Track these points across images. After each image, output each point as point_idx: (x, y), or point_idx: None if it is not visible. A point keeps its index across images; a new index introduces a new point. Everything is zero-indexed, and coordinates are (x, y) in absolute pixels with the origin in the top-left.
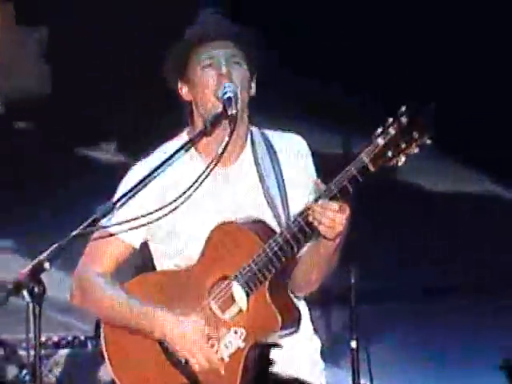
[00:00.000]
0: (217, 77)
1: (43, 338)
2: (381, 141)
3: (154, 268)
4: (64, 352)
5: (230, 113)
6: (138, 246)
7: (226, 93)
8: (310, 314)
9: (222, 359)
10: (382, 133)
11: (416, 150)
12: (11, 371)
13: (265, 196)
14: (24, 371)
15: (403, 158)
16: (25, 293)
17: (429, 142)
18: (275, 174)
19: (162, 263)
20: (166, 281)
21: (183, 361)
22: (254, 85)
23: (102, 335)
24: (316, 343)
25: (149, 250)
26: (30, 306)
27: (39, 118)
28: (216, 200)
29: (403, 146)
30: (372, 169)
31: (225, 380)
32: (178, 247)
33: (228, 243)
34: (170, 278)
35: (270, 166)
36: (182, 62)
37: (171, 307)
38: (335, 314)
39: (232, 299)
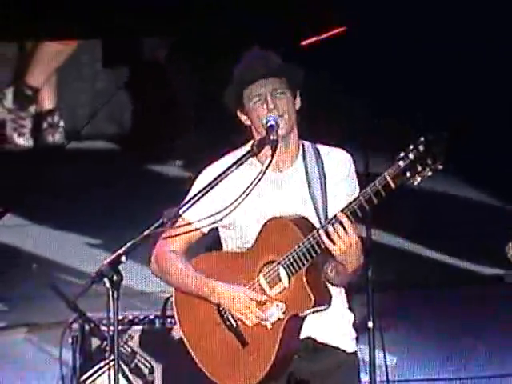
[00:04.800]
0: (266, 109)
1: (120, 317)
2: (401, 163)
3: (221, 247)
4: (137, 328)
5: (271, 138)
6: (206, 231)
7: (268, 121)
8: (347, 295)
9: (266, 326)
10: (402, 157)
11: (430, 174)
12: (95, 343)
13: (311, 198)
14: (105, 342)
15: (419, 179)
16: (106, 280)
17: (440, 167)
18: (320, 181)
19: (227, 244)
20: (224, 260)
21: (235, 325)
22: (298, 99)
23: (173, 300)
24: (349, 317)
25: (218, 234)
26: (110, 291)
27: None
28: (270, 198)
29: (419, 169)
30: (392, 186)
31: (267, 343)
32: (238, 234)
33: (277, 234)
34: (229, 259)
35: (317, 174)
36: (237, 97)
37: (227, 281)
38: (355, 300)
39: (277, 279)
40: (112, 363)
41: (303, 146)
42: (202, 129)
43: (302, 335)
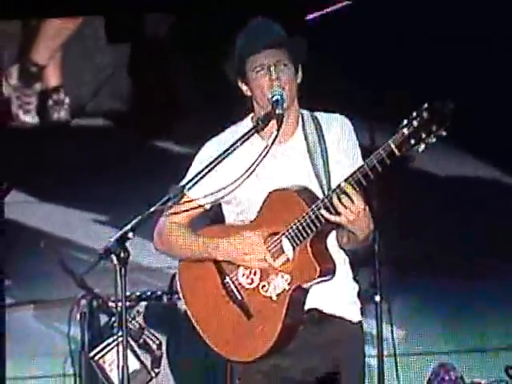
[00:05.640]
0: (268, 80)
1: (128, 293)
2: (406, 131)
3: (223, 221)
4: (144, 303)
5: (277, 112)
6: (208, 207)
7: (274, 96)
8: (351, 265)
9: (271, 297)
10: (406, 124)
11: (434, 140)
12: (103, 319)
13: (312, 168)
14: (113, 319)
15: (423, 146)
16: (113, 257)
17: (444, 133)
18: (321, 150)
19: (229, 218)
20: (227, 232)
21: (239, 297)
22: (300, 73)
23: (177, 276)
24: (354, 286)
25: (220, 209)
26: (117, 267)
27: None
28: (272, 171)
29: (423, 135)
30: (397, 153)
31: (272, 314)
32: (241, 208)
33: (280, 205)
34: (231, 231)
35: (318, 143)
36: (239, 66)
37: None
38: (363, 273)
39: (281, 250)
40: (120, 339)
41: (302, 116)
42: (206, 105)
43: (307, 306)
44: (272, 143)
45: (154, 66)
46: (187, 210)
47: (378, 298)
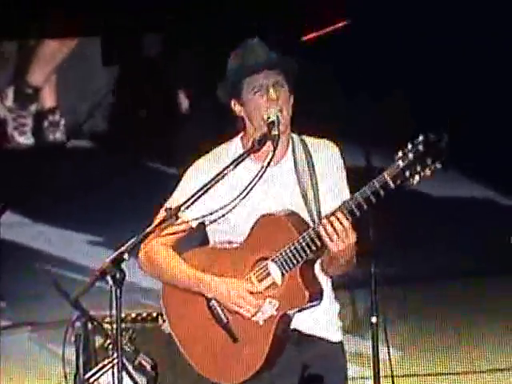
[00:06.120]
0: (266, 101)
1: (123, 315)
2: (401, 163)
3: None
4: (139, 325)
5: (273, 133)
6: (194, 225)
7: (269, 117)
8: (333, 284)
9: (257, 322)
10: (401, 156)
11: (428, 173)
12: (98, 340)
13: (301, 192)
14: (108, 340)
15: (417, 178)
16: (108, 278)
17: (439, 166)
18: (310, 174)
19: (214, 236)
20: (216, 256)
21: (225, 320)
22: (292, 95)
23: (161, 296)
24: (335, 307)
25: (204, 226)
26: (113, 288)
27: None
28: (260, 192)
29: (418, 168)
30: (391, 185)
31: (259, 339)
32: (227, 228)
33: (269, 231)
34: (220, 254)
35: (306, 167)
36: (234, 86)
37: (219, 276)
38: (360, 296)
39: (268, 275)
40: (115, 361)
41: (292, 139)
42: (199, 126)
43: None
44: (267, 165)
45: (148, 88)
46: (176, 232)
47: (374, 319)
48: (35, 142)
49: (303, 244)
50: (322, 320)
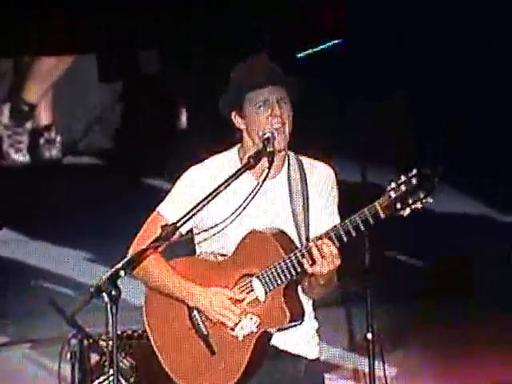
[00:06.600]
0: (269, 116)
1: (119, 332)
2: (393, 194)
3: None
4: (135, 342)
5: (268, 150)
6: (184, 232)
7: (265, 134)
8: (313, 304)
9: (237, 338)
10: (394, 188)
11: (420, 207)
12: (94, 358)
13: (291, 211)
14: (104, 358)
15: (408, 211)
16: (104, 295)
17: (431, 201)
18: (302, 196)
19: (201, 247)
20: (201, 268)
21: (205, 332)
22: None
23: (144, 299)
24: (313, 325)
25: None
26: (109, 306)
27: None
28: (252, 208)
29: (410, 201)
30: (382, 216)
31: (237, 355)
32: (215, 239)
33: (257, 248)
34: (205, 267)
35: (300, 188)
36: (237, 99)
37: (204, 287)
38: (356, 312)
39: (252, 292)
40: (111, 378)
41: (288, 156)
42: (196, 142)
43: None
44: (263, 181)
45: (145, 104)
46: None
47: (370, 336)
48: (31, 159)
49: (289, 265)
50: (299, 337)
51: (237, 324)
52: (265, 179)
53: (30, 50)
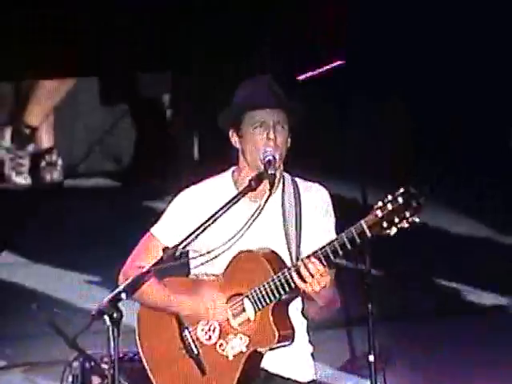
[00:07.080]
0: (265, 138)
1: (121, 354)
2: (379, 213)
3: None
4: (137, 365)
5: (269, 172)
6: (177, 254)
7: (266, 156)
8: (308, 328)
9: (227, 357)
10: (381, 207)
11: (406, 226)
12: (95, 381)
13: (284, 233)
14: (105, 381)
15: (394, 230)
16: (106, 318)
17: (417, 220)
18: (295, 216)
19: (194, 267)
20: (191, 287)
21: (196, 352)
22: (289, 139)
23: (136, 319)
24: (308, 348)
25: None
26: (110, 328)
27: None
28: (245, 228)
29: (396, 220)
30: (368, 234)
31: (227, 374)
32: (207, 260)
33: (247, 267)
34: (196, 286)
35: (294, 209)
36: (236, 117)
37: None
38: (357, 334)
39: (242, 311)
40: None
41: (284, 178)
42: (201, 165)
43: None
44: (265, 203)
45: (146, 126)
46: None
47: (371, 358)
48: (32, 182)
49: (277, 284)
50: (292, 361)
51: (227, 342)
52: (266, 201)
53: (30, 74)
